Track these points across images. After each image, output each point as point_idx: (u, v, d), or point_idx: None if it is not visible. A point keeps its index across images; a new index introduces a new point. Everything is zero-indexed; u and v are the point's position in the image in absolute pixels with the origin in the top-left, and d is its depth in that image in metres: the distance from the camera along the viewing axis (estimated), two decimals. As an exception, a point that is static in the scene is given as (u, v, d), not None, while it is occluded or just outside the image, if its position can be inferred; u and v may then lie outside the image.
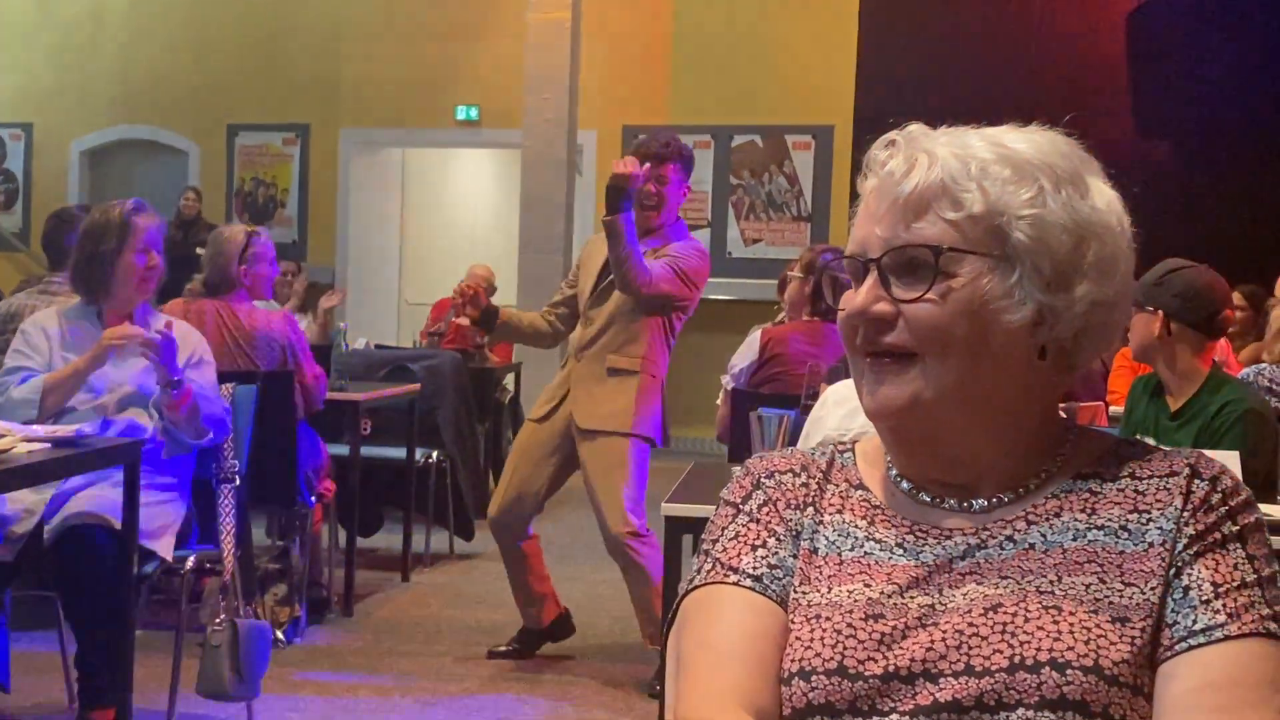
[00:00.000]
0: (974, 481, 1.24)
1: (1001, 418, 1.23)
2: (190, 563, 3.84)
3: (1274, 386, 4.38)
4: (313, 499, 4.90)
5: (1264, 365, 4.50)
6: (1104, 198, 1.23)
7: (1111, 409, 4.79)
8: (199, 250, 5.29)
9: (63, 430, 3.40)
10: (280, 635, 4.70)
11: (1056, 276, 1.20)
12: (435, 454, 6.13)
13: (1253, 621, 1.13)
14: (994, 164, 1.20)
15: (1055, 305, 1.20)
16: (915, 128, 1.26)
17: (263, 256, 4.86)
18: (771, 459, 1.34)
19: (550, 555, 6.44)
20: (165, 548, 3.73)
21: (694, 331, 10.46)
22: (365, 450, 5.48)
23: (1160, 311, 3.32)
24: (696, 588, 1.27)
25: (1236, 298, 4.73)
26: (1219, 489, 1.19)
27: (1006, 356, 1.20)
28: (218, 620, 3.73)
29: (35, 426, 3.45)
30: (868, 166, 1.26)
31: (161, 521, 3.74)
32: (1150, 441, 3.39)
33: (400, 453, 5.81)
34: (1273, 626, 1.13)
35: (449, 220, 12.62)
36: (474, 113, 11.01)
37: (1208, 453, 1.26)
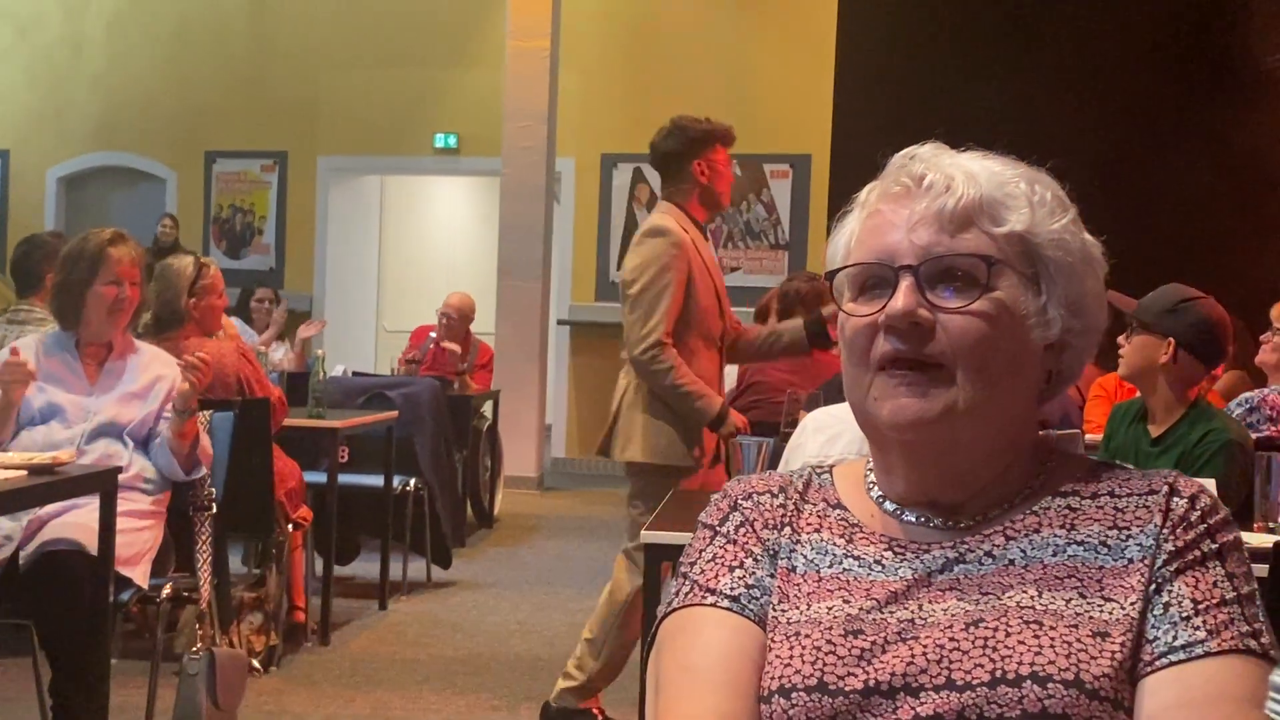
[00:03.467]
0: (966, 500, 1.25)
1: (1010, 437, 1.25)
2: (166, 591, 3.81)
3: (1273, 414, 4.41)
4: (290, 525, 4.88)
5: (1269, 390, 4.52)
6: (1089, 237, 1.28)
7: (1088, 437, 4.82)
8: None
9: (40, 457, 3.39)
10: (257, 664, 4.68)
11: (1074, 302, 1.24)
12: (413, 481, 6.11)
13: (1232, 639, 1.14)
14: (1034, 185, 1.24)
15: (1073, 329, 1.24)
16: (933, 146, 1.29)
17: (212, 289, 4.70)
18: (749, 481, 1.35)
19: (526, 582, 6.45)
20: (141, 575, 3.71)
21: (672, 359, 10.51)
22: (343, 478, 5.46)
23: (1171, 339, 3.34)
24: (674, 610, 1.27)
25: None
26: (1198, 507, 1.20)
27: (1027, 376, 1.24)
28: (194, 648, 3.71)
29: (12, 454, 3.44)
30: (885, 179, 1.27)
31: (138, 549, 3.72)
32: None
33: (378, 480, 5.79)
34: (1252, 644, 1.14)
35: (427, 247, 12.62)
36: (453, 140, 11.03)
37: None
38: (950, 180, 1.22)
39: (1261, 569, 2.23)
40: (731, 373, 5.08)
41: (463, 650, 5.20)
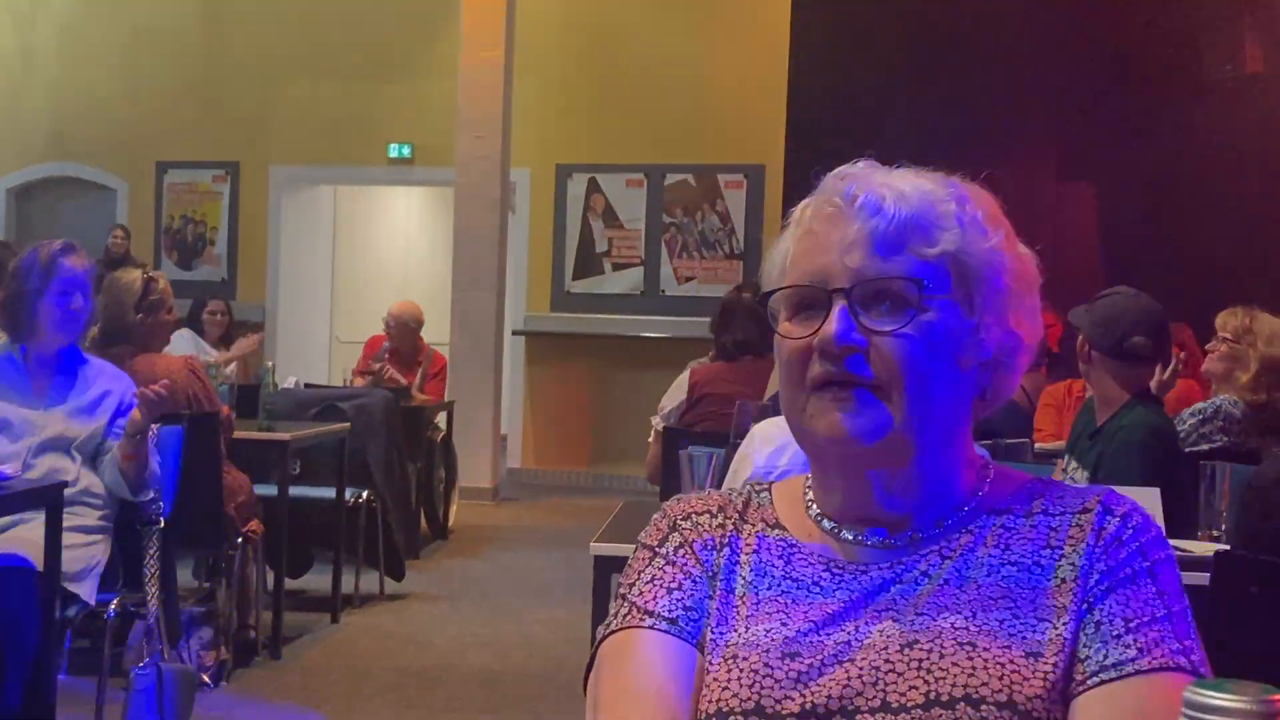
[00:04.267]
0: (903, 518, 1.25)
1: (944, 454, 1.25)
2: (114, 606, 3.78)
3: (1229, 425, 4.43)
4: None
5: (1223, 399, 4.54)
6: (1025, 250, 1.29)
7: (1037, 445, 4.86)
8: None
9: (-17, 472, 3.35)
10: (207, 679, 4.64)
11: (1006, 320, 1.25)
12: (365, 493, 6.08)
13: (1163, 655, 1.14)
14: (964, 206, 1.24)
15: (1006, 346, 1.25)
16: (865, 164, 1.28)
17: (161, 304, 4.63)
18: (688, 501, 1.34)
19: (481, 594, 6.43)
20: (88, 591, 3.68)
21: (624, 369, 10.55)
22: (294, 490, 5.42)
23: (1082, 335, 3.39)
24: (613, 632, 1.27)
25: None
26: (1130, 525, 1.21)
27: (962, 395, 1.24)
28: (142, 664, 3.68)
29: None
30: (818, 197, 1.26)
31: (85, 564, 3.69)
32: (1072, 461, 3.43)
33: (330, 492, 5.76)
34: (1183, 660, 1.15)
35: (381, 258, 12.58)
36: (407, 150, 11.00)
37: (1124, 489, 1.28)
38: (881, 201, 1.22)
39: (1203, 578, 2.26)
40: (683, 382, 5.10)
41: (416, 663, 5.18)
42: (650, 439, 5.29)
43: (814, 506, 1.30)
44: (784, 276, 1.28)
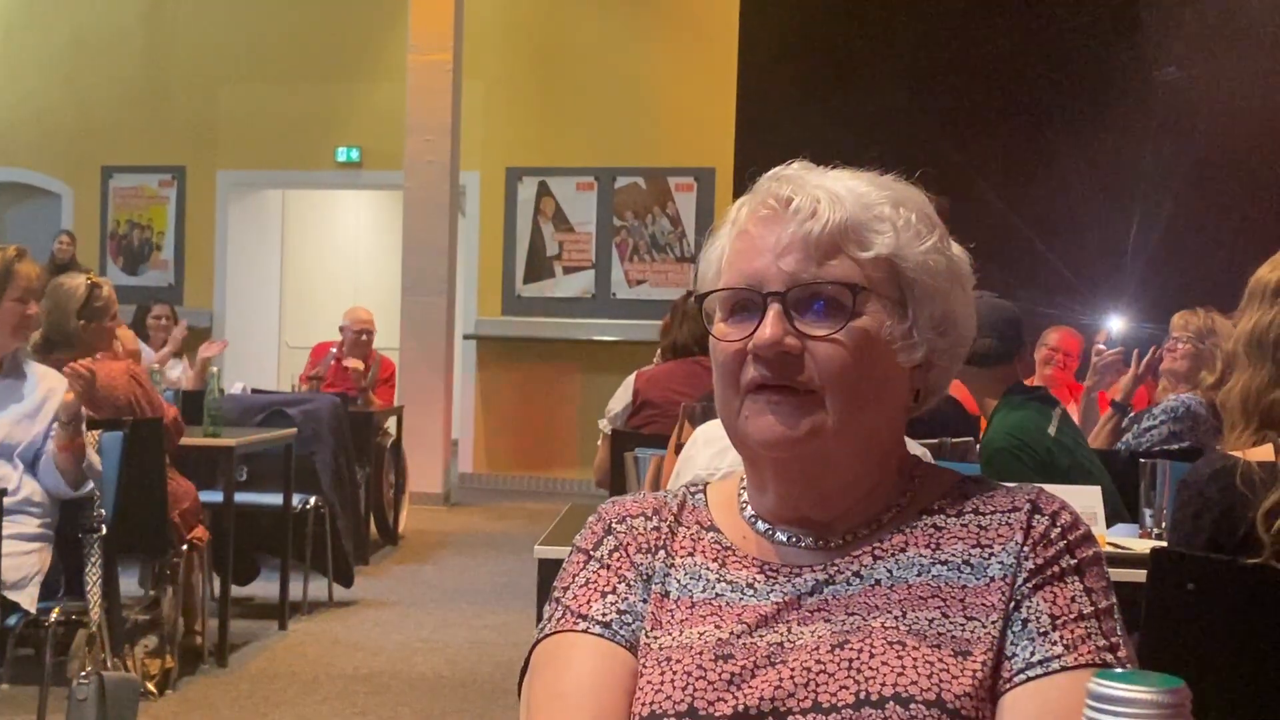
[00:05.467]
0: (836, 519, 1.25)
1: (877, 456, 1.25)
2: (55, 615, 3.74)
3: (1196, 424, 4.47)
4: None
5: (1188, 397, 4.58)
6: (958, 250, 1.29)
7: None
8: None
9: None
10: (152, 687, 4.59)
11: (941, 322, 1.25)
12: (313, 500, 6.04)
13: (1089, 653, 1.15)
14: (898, 208, 1.24)
15: (939, 348, 1.25)
16: (800, 165, 1.28)
17: (105, 310, 4.58)
18: (624, 503, 1.34)
19: (431, 600, 6.40)
20: (29, 599, 3.64)
21: (576, 373, 10.56)
22: (240, 496, 5.38)
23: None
24: (546, 635, 1.27)
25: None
26: (1058, 524, 1.21)
27: (894, 397, 1.25)
28: (84, 673, 3.63)
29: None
30: (754, 198, 1.26)
31: (25, 573, 3.65)
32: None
33: (277, 499, 5.72)
34: (1109, 657, 1.16)
35: (330, 263, 12.51)
36: (355, 154, 10.95)
37: (1054, 488, 1.29)
38: (816, 204, 1.22)
39: (1141, 575, 2.27)
40: (629, 385, 5.09)
41: (364, 669, 5.15)
42: (599, 442, 5.29)
43: (748, 509, 1.30)
44: (719, 277, 1.28)
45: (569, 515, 3.55)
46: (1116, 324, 7.02)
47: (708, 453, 2.60)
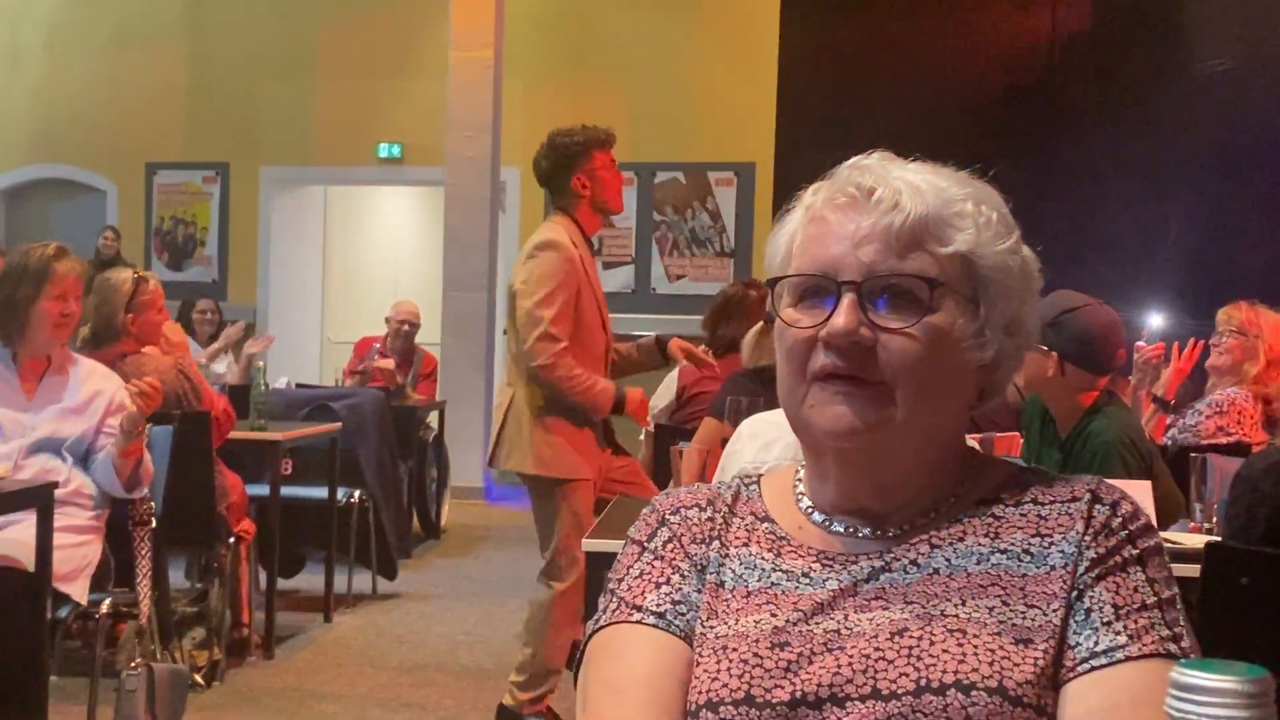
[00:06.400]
0: (894, 509, 1.26)
1: (940, 449, 1.26)
2: (105, 606, 3.78)
3: (1241, 418, 4.45)
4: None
5: (1233, 391, 4.55)
6: (1029, 252, 1.29)
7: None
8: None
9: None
10: (199, 679, 4.63)
11: (1011, 323, 1.25)
12: (357, 493, 6.08)
13: (1153, 643, 1.15)
14: (980, 206, 1.24)
15: (1007, 349, 1.25)
16: (881, 155, 1.27)
17: (151, 304, 4.63)
18: (677, 495, 1.34)
19: (473, 593, 6.43)
20: (80, 591, 3.68)
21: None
22: (286, 490, 5.41)
23: (1055, 353, 3.35)
24: (602, 627, 1.28)
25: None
26: (1119, 514, 1.21)
27: (961, 394, 1.25)
28: (133, 664, 3.67)
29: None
30: (833, 185, 1.26)
31: (76, 565, 3.69)
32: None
33: (322, 492, 5.76)
34: (1172, 648, 1.15)
35: (372, 258, 12.56)
36: (396, 150, 10.99)
37: (1114, 481, 1.29)
38: (898, 196, 1.22)
39: (1194, 569, 2.26)
40: (671, 382, 5.11)
41: (408, 662, 5.18)
42: (642, 439, 5.29)
43: (804, 499, 1.31)
44: (789, 261, 1.27)
45: (615, 509, 3.56)
46: (1156, 320, 6.97)
47: (753, 446, 2.60)
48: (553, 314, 4.05)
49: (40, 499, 3.43)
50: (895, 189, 1.22)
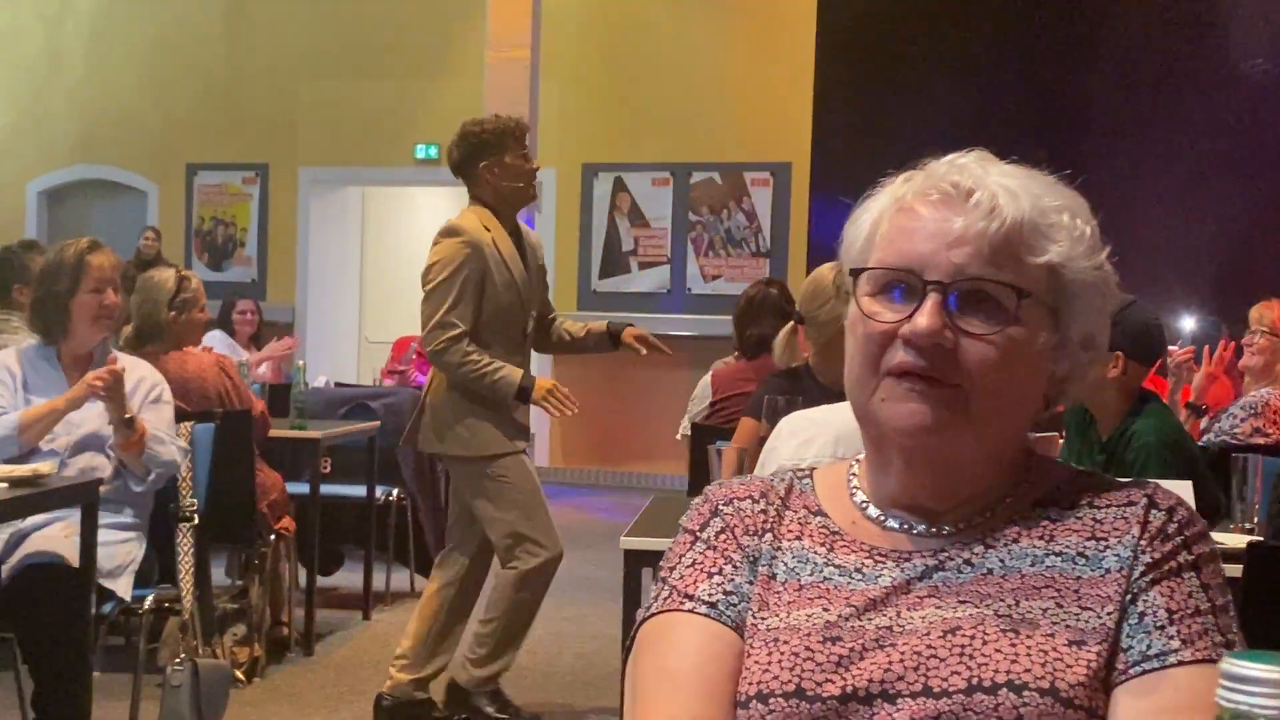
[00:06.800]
0: (951, 507, 1.26)
1: (1003, 453, 1.26)
2: (149, 602, 3.81)
3: (1276, 417, 4.41)
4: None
5: (1266, 391, 4.52)
6: (1107, 264, 1.28)
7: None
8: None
9: (20, 470, 3.39)
10: (240, 675, 4.67)
11: (1088, 338, 1.26)
12: (395, 491, 6.11)
13: (1205, 648, 1.15)
14: (1075, 219, 1.24)
15: (1080, 362, 1.25)
16: (978, 155, 1.26)
17: (194, 302, 4.71)
18: (730, 486, 1.35)
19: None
20: (124, 587, 3.71)
21: (652, 367, 10.53)
22: (325, 488, 5.46)
23: (1119, 352, 3.34)
24: (653, 615, 1.28)
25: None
26: (1175, 519, 1.21)
27: (1032, 403, 1.25)
28: (177, 660, 3.71)
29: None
30: (925, 180, 1.24)
31: (120, 561, 3.72)
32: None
33: (360, 491, 5.80)
34: (1225, 653, 1.14)
35: (409, 258, 12.55)
36: (434, 151, 11.03)
37: (1163, 483, 1.29)
38: (995, 200, 1.21)
39: (1236, 569, 2.26)
40: (705, 384, 5.12)
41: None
42: (678, 438, 5.30)
43: (859, 494, 1.31)
44: (870, 248, 1.26)
45: (653, 507, 3.57)
46: (1189, 323, 6.93)
47: (792, 443, 2.60)
48: (448, 301, 4.12)
49: (85, 496, 3.47)
50: (993, 193, 1.21)
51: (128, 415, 3.69)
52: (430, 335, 4.15)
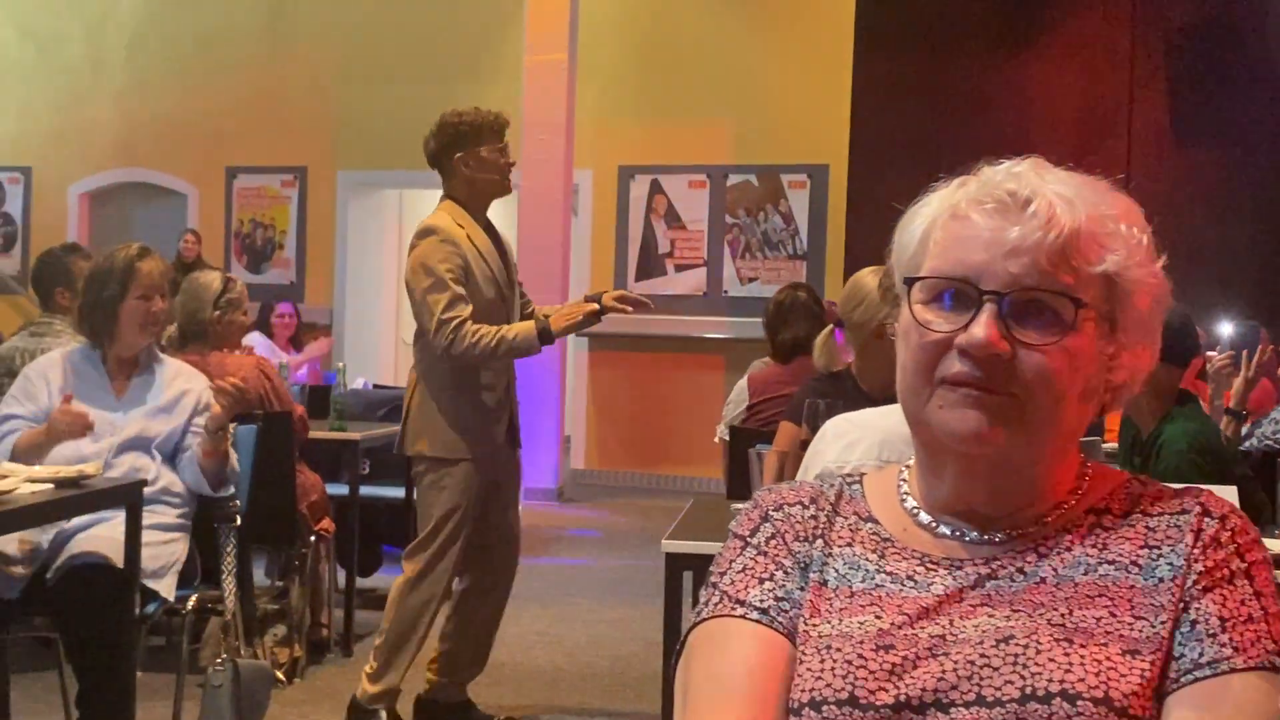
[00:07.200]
0: (1004, 514, 1.25)
1: (1058, 459, 1.26)
2: (192, 603, 3.84)
3: None
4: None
5: None
6: (1160, 270, 1.27)
7: (1106, 445, 4.82)
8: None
9: (66, 471, 3.42)
10: (281, 675, 4.70)
11: (1143, 346, 1.26)
12: (434, 493, 6.12)
13: (1259, 655, 1.15)
14: (1131, 228, 1.23)
15: (1135, 369, 1.25)
16: (1033, 163, 1.25)
17: (237, 304, 4.79)
18: (780, 491, 1.35)
19: (547, 593, 6.46)
20: (168, 588, 3.74)
21: (687, 370, 10.56)
22: (364, 489, 5.48)
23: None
24: (704, 620, 1.28)
25: None
26: (1228, 527, 1.21)
27: (1087, 410, 1.25)
28: (219, 660, 3.73)
29: (38, 466, 3.47)
30: (980, 187, 1.23)
31: (164, 562, 3.75)
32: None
33: (399, 492, 5.81)
34: (1278, 660, 1.15)
35: (446, 261, 12.64)
36: (471, 154, 11.06)
37: (1214, 489, 1.28)
38: (1052, 210, 1.20)
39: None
40: (742, 388, 5.12)
41: (484, 661, 5.22)
42: (716, 441, 5.31)
43: (909, 500, 1.31)
44: (922, 254, 1.25)
45: (694, 510, 3.57)
46: (1227, 329, 6.87)
47: (836, 447, 2.60)
48: (444, 300, 4.10)
49: (130, 497, 3.50)
50: (1049, 202, 1.20)
51: (229, 425, 3.78)
52: (437, 337, 4.11)
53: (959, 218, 1.23)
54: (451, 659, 4.38)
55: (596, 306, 4.26)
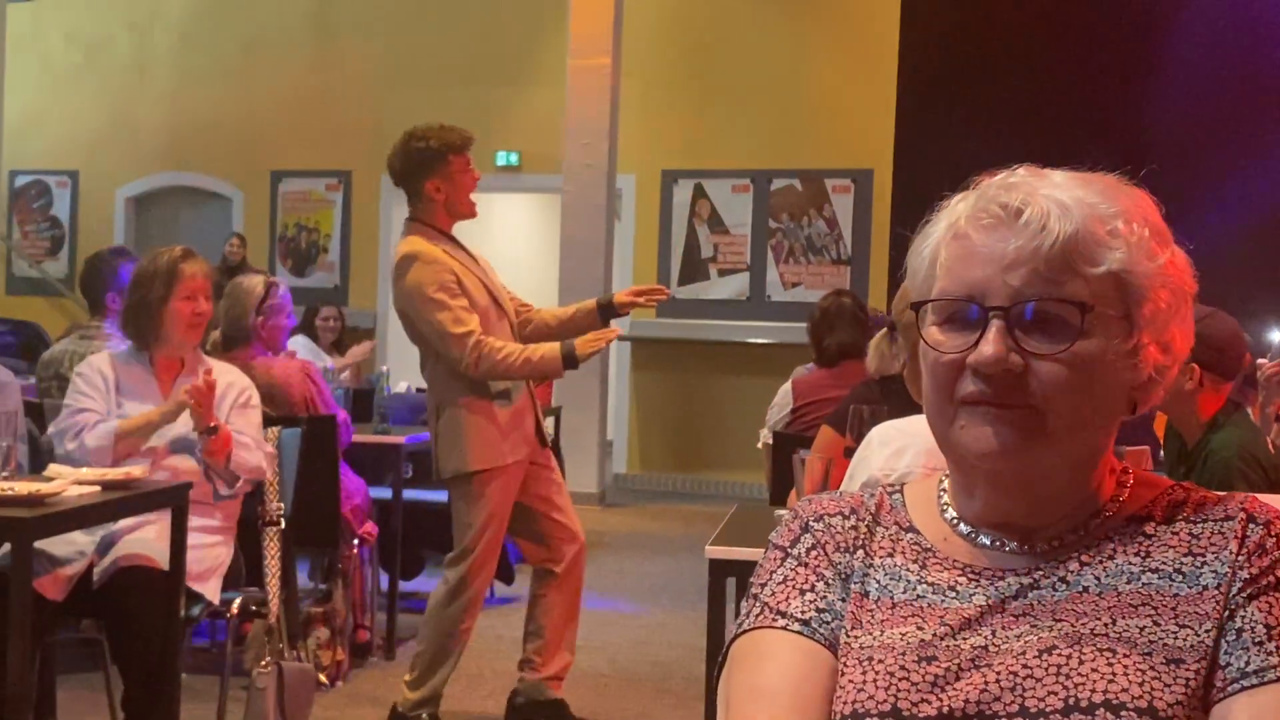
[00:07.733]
0: (1043, 524, 1.24)
1: (1091, 466, 1.24)
2: (236, 605, 3.86)
3: None
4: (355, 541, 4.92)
5: None
6: (1181, 256, 1.25)
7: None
8: None
9: (112, 473, 3.44)
10: (324, 678, 4.72)
11: (1165, 341, 1.23)
12: (476, 497, 6.13)
13: None
14: (1131, 223, 1.21)
15: (1161, 365, 1.23)
16: (1027, 170, 1.24)
17: (280, 309, 4.81)
18: (820, 502, 1.34)
19: (589, 598, 6.45)
20: (212, 590, 3.76)
21: (730, 375, 10.55)
22: (407, 493, 5.49)
23: (1195, 365, 3.29)
24: (745, 631, 1.28)
25: None
26: (1273, 533, 1.19)
27: (1114, 413, 1.23)
28: (263, 663, 3.74)
29: (84, 469, 3.49)
30: (977, 202, 1.23)
31: (209, 564, 3.77)
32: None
33: (442, 495, 5.81)
34: None
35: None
36: (514, 158, 11.10)
37: (1261, 497, 1.26)
38: (1046, 218, 1.19)
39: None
40: (786, 392, 5.10)
41: (526, 666, 5.21)
42: (759, 446, 5.29)
43: (949, 510, 1.30)
44: (931, 278, 1.25)
45: (737, 516, 3.56)
46: (1277, 335, 6.79)
47: (883, 454, 2.58)
48: (450, 315, 4.06)
49: (175, 499, 3.51)
50: (1043, 209, 1.19)
51: (211, 424, 3.73)
52: (458, 357, 4.06)
53: (960, 237, 1.23)
54: (541, 654, 4.41)
55: (619, 331, 4.25)
